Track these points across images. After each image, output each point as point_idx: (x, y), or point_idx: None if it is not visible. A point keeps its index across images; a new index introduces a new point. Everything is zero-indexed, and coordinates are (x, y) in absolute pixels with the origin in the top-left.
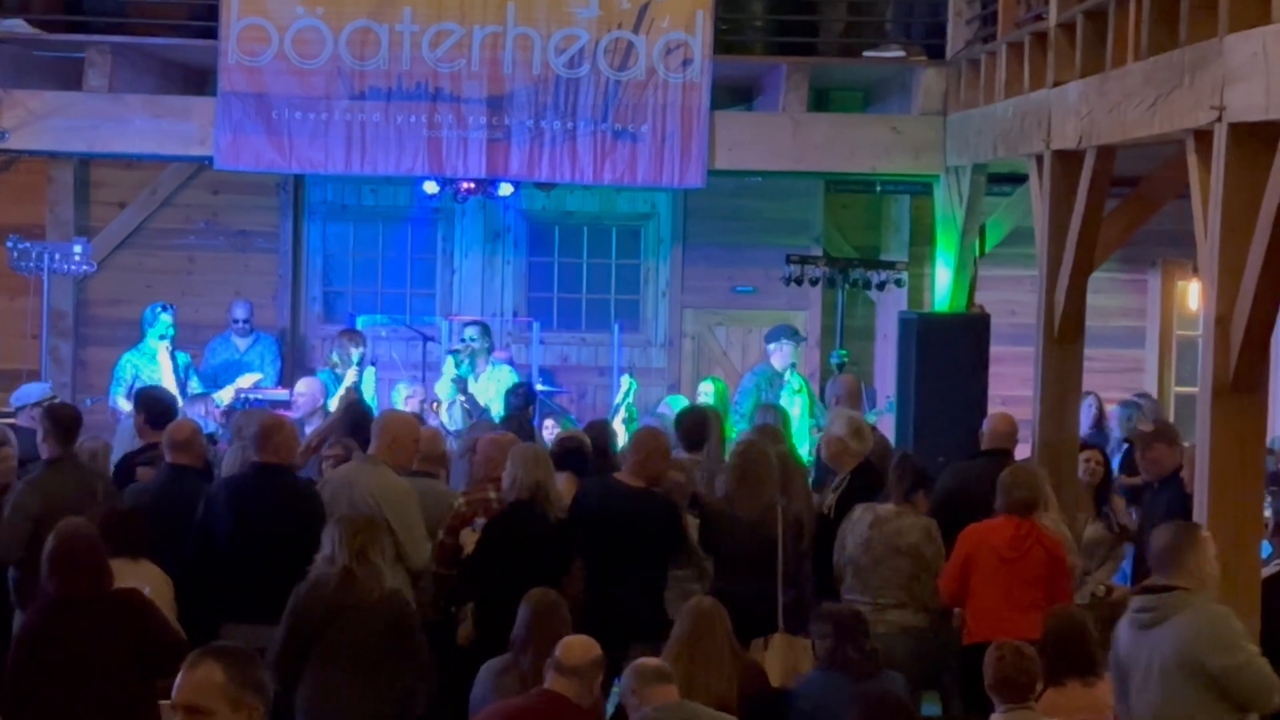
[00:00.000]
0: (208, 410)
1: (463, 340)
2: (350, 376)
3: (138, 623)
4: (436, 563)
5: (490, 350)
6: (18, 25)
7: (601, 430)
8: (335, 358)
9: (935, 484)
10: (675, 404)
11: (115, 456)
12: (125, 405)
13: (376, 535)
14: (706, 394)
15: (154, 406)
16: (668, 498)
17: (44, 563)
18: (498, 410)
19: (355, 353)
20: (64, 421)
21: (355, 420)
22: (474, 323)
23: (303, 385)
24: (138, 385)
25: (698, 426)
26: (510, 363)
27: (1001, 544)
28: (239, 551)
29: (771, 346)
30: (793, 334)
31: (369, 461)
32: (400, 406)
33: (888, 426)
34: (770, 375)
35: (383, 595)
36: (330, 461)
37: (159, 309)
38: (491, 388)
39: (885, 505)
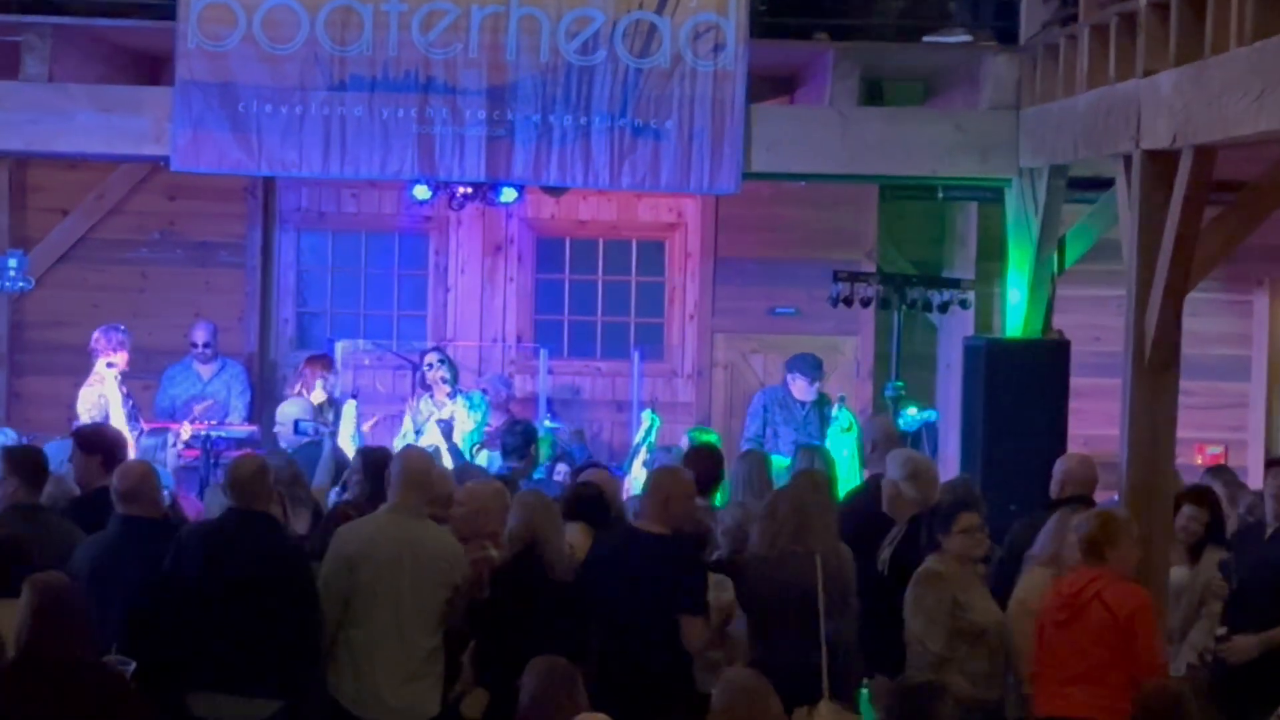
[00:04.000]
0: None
1: (429, 366)
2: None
3: (114, 699)
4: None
5: (455, 380)
6: None
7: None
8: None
9: (1003, 533)
10: (699, 439)
11: None
12: None
13: None
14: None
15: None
16: (692, 545)
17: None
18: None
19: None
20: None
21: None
22: (434, 349)
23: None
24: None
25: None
26: (485, 394)
27: (1053, 604)
28: (211, 608)
29: (788, 377)
30: (812, 368)
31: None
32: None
33: (950, 467)
34: (782, 397)
35: None
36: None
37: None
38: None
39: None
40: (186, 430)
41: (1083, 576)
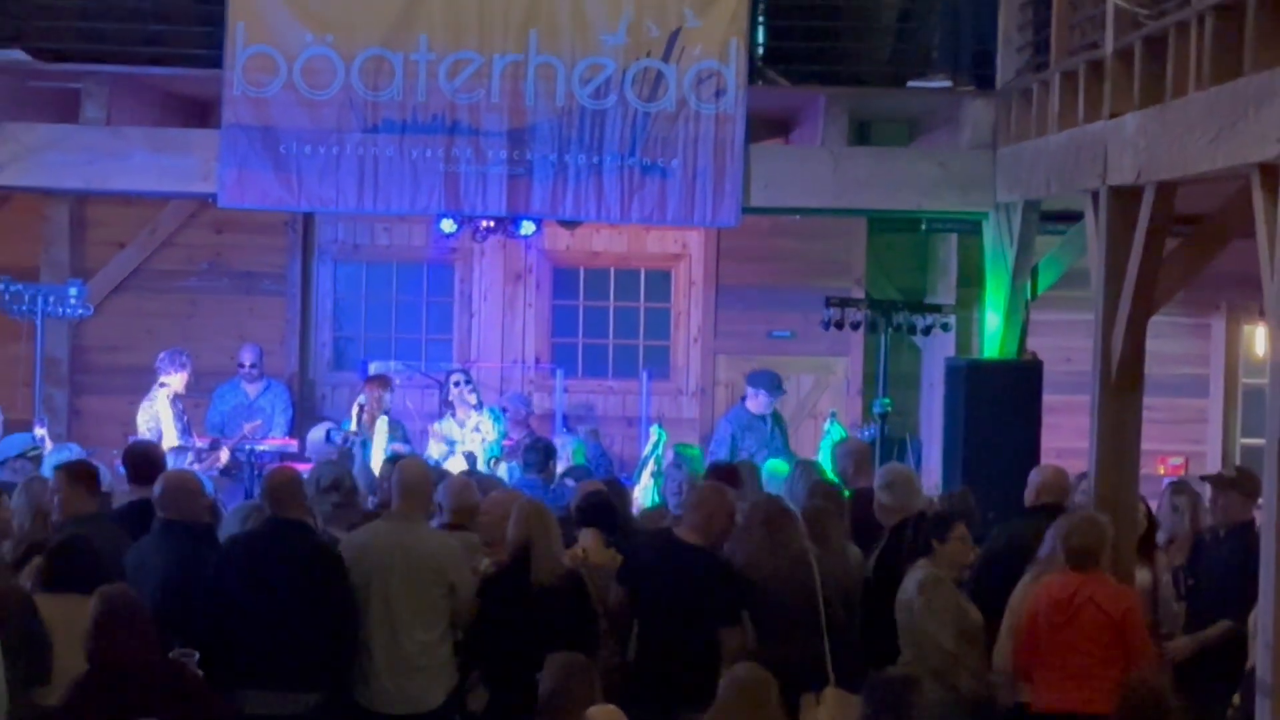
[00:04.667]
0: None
1: (456, 385)
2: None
3: (185, 695)
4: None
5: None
6: (17, 55)
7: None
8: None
9: (982, 539)
10: (686, 453)
11: None
12: None
13: None
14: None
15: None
16: (729, 561)
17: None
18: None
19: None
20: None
21: None
22: (460, 369)
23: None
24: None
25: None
26: (504, 411)
27: (1048, 606)
28: (253, 611)
29: (749, 391)
30: (774, 385)
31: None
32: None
33: (933, 478)
34: (747, 419)
35: None
36: None
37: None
38: (478, 438)
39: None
40: (225, 455)
41: (1073, 580)
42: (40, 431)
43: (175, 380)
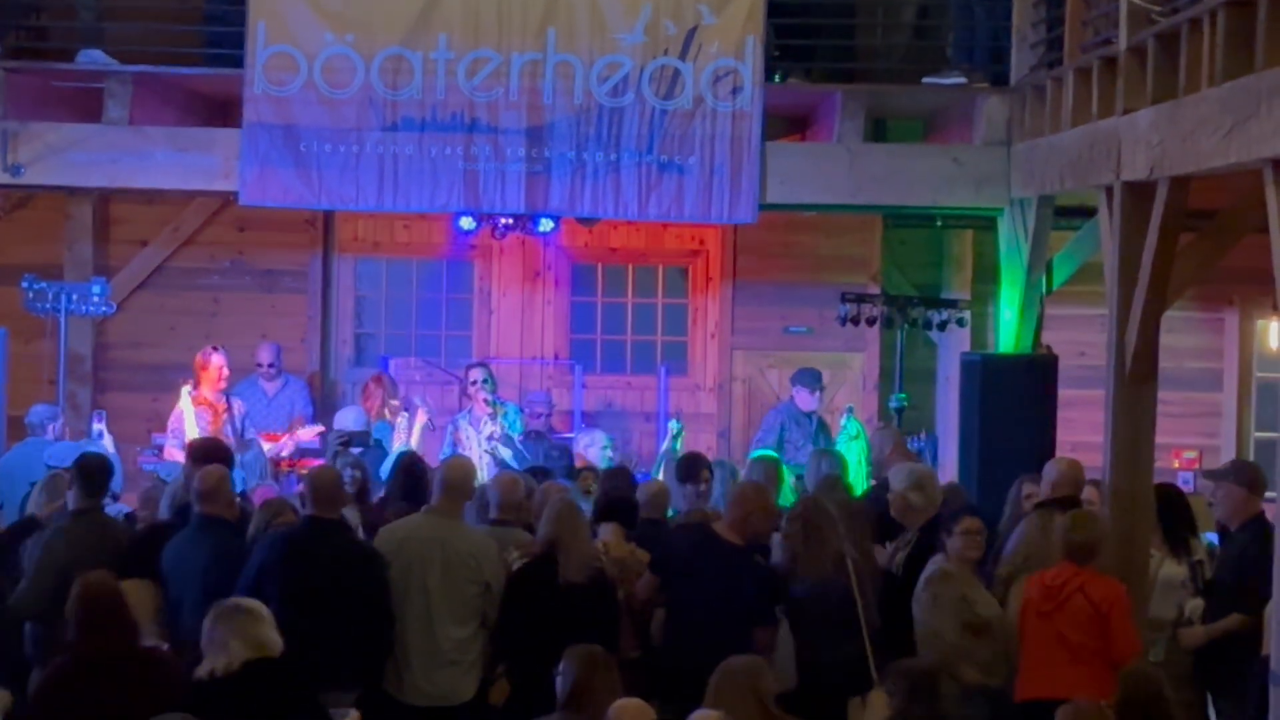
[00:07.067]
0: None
1: (473, 384)
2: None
3: (162, 684)
4: None
5: (495, 391)
6: (97, 55)
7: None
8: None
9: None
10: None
11: None
12: None
13: None
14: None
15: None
16: (768, 564)
17: (68, 617)
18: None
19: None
20: (91, 472)
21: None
22: (479, 364)
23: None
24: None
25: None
26: (521, 409)
27: (1038, 595)
28: (294, 609)
29: (794, 389)
30: (812, 380)
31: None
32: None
33: (949, 473)
34: (795, 414)
35: None
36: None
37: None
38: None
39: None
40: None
41: (1066, 571)
42: (99, 426)
43: (200, 375)
